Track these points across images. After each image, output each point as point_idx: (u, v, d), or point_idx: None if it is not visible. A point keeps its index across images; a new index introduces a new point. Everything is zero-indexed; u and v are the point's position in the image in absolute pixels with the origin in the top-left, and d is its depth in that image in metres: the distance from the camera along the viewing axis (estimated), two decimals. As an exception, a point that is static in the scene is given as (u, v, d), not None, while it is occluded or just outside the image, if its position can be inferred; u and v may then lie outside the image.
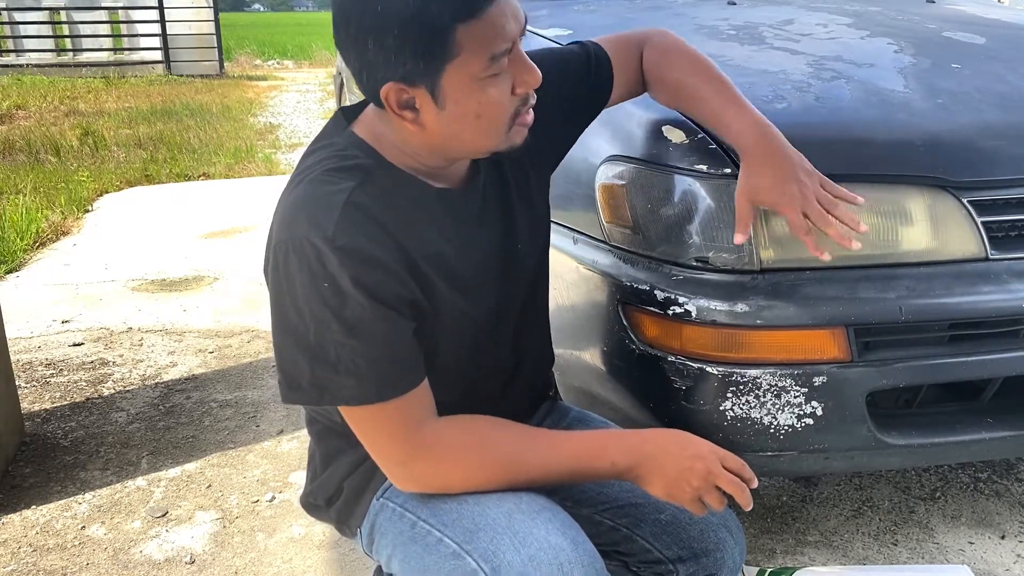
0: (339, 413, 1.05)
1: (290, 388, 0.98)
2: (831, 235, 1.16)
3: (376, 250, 0.93)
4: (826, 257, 1.17)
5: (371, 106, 1.02)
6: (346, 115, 1.05)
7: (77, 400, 2.41)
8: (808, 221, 1.15)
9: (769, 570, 1.30)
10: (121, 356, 2.71)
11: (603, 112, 1.26)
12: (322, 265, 0.91)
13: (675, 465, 0.99)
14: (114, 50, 12.29)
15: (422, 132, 0.96)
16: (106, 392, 2.47)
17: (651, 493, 1.01)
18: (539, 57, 1.18)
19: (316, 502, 1.17)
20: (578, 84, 1.20)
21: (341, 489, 1.13)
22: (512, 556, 0.94)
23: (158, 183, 5.38)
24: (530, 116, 0.99)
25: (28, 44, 12.19)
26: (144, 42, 12.20)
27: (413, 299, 0.97)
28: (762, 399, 1.29)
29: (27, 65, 11.57)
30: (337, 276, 0.91)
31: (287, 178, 1.06)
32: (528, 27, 1.01)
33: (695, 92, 1.24)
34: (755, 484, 0.99)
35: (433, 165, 1.01)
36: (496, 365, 1.13)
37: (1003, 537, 1.76)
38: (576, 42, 1.26)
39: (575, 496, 1.18)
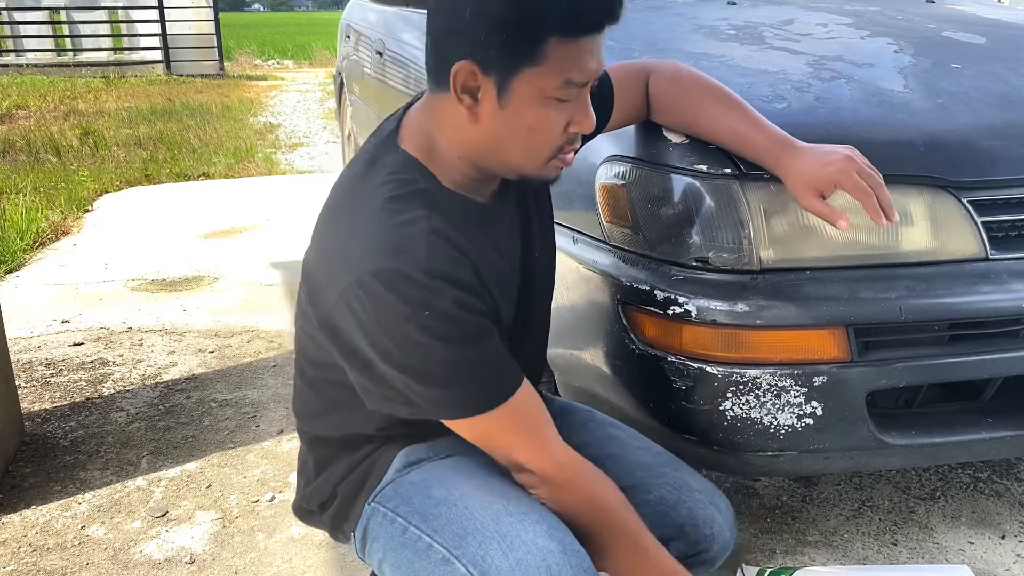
0: (325, 426, 1.08)
1: (406, 404, 0.98)
2: (882, 199, 1.16)
3: (464, 273, 0.95)
4: (884, 223, 1.16)
5: (413, 115, 1.03)
6: (386, 128, 1.04)
7: (77, 400, 2.41)
8: (864, 182, 1.16)
9: (769, 570, 1.30)
10: (121, 356, 2.71)
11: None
12: (418, 295, 0.91)
13: None
14: (114, 50, 12.28)
15: (472, 126, 0.96)
16: (106, 392, 2.47)
17: None
18: None
19: (310, 507, 1.17)
20: None
21: (335, 494, 1.13)
22: (500, 561, 0.94)
23: (158, 183, 5.37)
24: (571, 157, 1.01)
25: (28, 44, 12.17)
26: (144, 42, 12.19)
27: (490, 312, 1.00)
28: (762, 399, 1.29)
29: (27, 65, 11.55)
30: (436, 302, 0.92)
31: (287, 178, 1.06)
32: None
33: (712, 115, 1.26)
34: None
35: (471, 176, 1.02)
36: None
37: (1003, 537, 1.76)
38: None
39: None
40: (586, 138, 1.26)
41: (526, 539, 0.96)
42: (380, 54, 3.15)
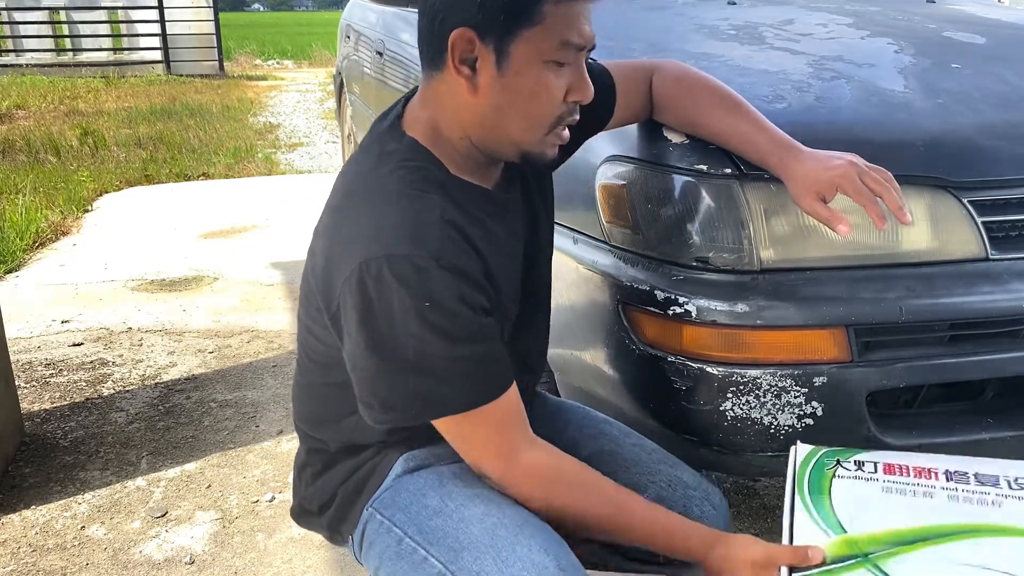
0: (331, 432, 1.08)
1: (384, 410, 0.97)
2: (889, 203, 1.12)
3: (472, 265, 0.95)
4: (884, 227, 1.12)
5: (413, 107, 1.03)
6: (392, 117, 1.04)
7: (77, 400, 2.41)
8: (868, 187, 1.12)
9: (825, 449, 1.12)
10: (121, 356, 2.71)
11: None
12: (425, 284, 0.90)
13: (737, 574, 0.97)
14: (114, 50, 12.27)
15: (472, 99, 0.96)
16: (106, 392, 2.46)
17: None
18: None
19: (309, 508, 1.17)
20: None
21: (335, 495, 1.12)
22: None
23: (158, 183, 5.37)
24: (567, 134, 1.01)
25: (28, 44, 12.17)
26: (144, 42, 12.18)
27: (494, 308, 0.99)
28: (762, 399, 1.29)
29: (27, 65, 11.55)
30: (441, 294, 0.91)
31: (287, 178, 1.06)
32: None
33: (716, 115, 1.26)
34: None
35: (475, 159, 1.01)
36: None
37: (1003, 537, 1.76)
38: None
39: None
40: (585, 135, 1.26)
41: (521, 554, 0.95)
42: (380, 54, 3.15)
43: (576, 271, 1.48)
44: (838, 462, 1.05)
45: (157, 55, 12.01)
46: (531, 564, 0.94)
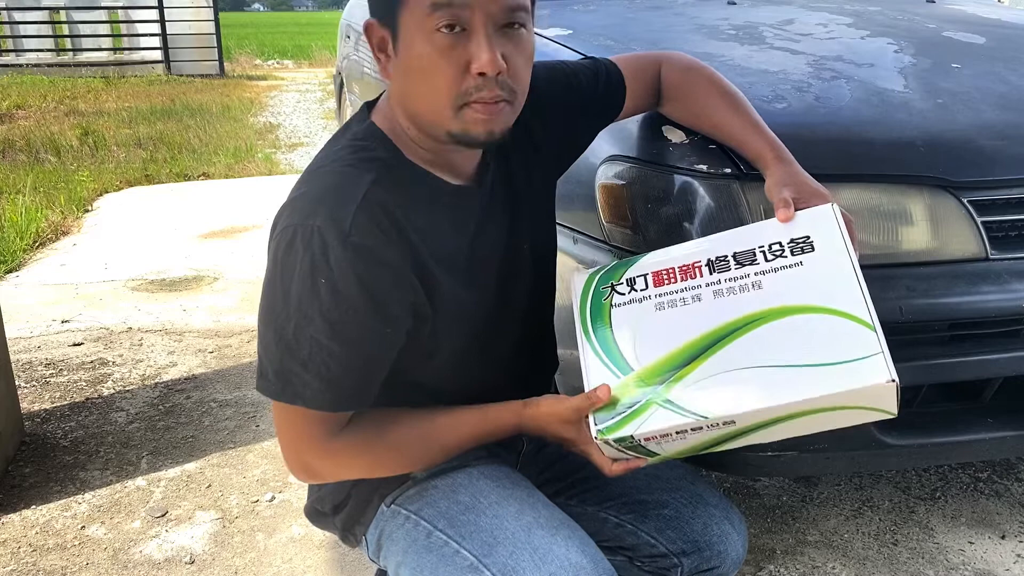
0: None
1: (260, 376, 0.96)
2: None
3: (388, 251, 0.93)
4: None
5: (386, 93, 1.03)
6: (369, 106, 1.05)
7: (77, 400, 2.41)
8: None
9: (599, 275, 1.10)
10: (121, 356, 2.71)
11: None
12: (325, 259, 0.89)
13: (552, 433, 1.03)
14: (114, 50, 12.28)
15: (390, 82, 0.97)
16: (106, 392, 2.47)
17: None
18: (548, 68, 1.20)
19: (323, 509, 1.17)
20: (586, 95, 1.21)
21: (349, 496, 1.12)
22: (532, 573, 0.94)
23: (158, 183, 5.37)
24: (487, 109, 0.92)
25: (28, 44, 12.18)
26: (144, 42, 12.19)
27: (415, 303, 0.97)
28: (762, 399, 1.28)
29: (27, 65, 11.55)
30: (338, 274, 0.90)
31: (287, 178, 1.06)
32: None
33: (716, 113, 1.25)
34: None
35: (433, 149, 1.00)
36: (501, 367, 1.13)
37: (1003, 537, 1.76)
38: (589, 58, 1.28)
39: (579, 495, 1.18)
40: (597, 128, 1.24)
41: (559, 553, 0.95)
42: (380, 54, 3.15)
43: (576, 271, 1.48)
44: (612, 287, 1.07)
45: (157, 55, 12.01)
46: (568, 563, 0.94)
